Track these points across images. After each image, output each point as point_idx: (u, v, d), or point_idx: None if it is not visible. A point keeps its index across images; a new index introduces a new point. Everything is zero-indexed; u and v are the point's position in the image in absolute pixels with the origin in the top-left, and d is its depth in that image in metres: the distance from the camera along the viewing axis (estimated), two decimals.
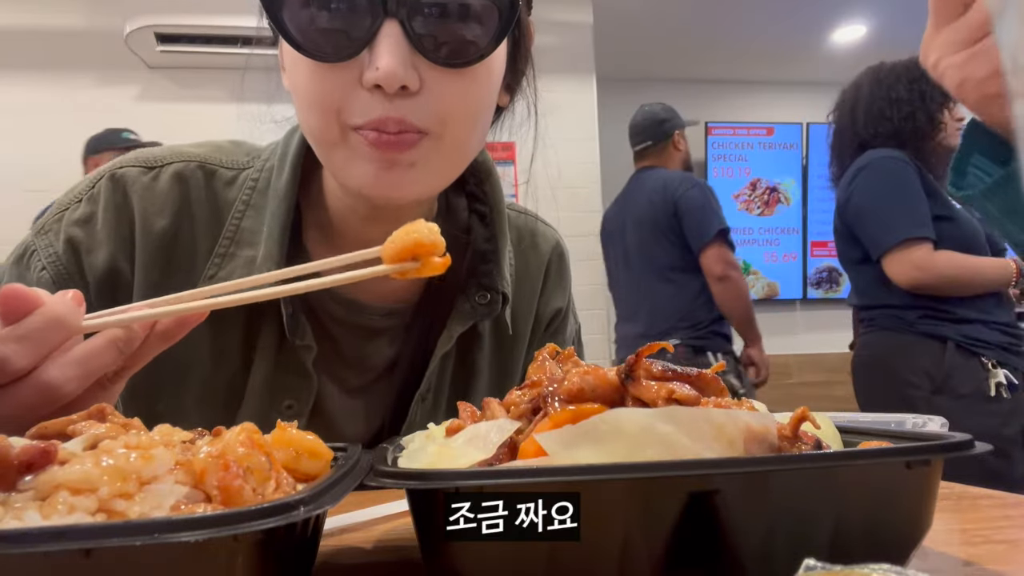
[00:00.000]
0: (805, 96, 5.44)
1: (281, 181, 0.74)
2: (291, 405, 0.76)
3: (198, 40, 3.51)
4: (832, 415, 0.63)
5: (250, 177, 0.77)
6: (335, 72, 0.61)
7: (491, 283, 0.80)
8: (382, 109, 0.61)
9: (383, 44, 0.59)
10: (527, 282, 0.89)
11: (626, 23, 4.42)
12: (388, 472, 0.39)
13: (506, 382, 0.87)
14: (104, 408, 0.43)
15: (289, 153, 0.76)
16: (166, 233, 0.73)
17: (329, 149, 0.66)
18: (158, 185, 0.74)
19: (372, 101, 0.61)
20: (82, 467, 0.31)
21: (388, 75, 0.59)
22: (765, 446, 0.40)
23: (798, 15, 4.52)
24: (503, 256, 0.81)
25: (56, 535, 0.26)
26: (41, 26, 3.58)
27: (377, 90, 0.61)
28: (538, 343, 0.90)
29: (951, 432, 0.46)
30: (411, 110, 0.62)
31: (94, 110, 3.54)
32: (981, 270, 1.88)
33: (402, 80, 0.60)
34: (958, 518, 0.58)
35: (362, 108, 0.61)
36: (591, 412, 0.41)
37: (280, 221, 0.72)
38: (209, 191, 0.76)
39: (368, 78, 0.60)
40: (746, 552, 0.37)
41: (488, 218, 0.83)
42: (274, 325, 0.74)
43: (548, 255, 0.92)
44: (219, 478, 0.33)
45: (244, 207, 0.75)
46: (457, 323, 0.79)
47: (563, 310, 0.94)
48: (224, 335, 0.73)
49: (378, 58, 0.59)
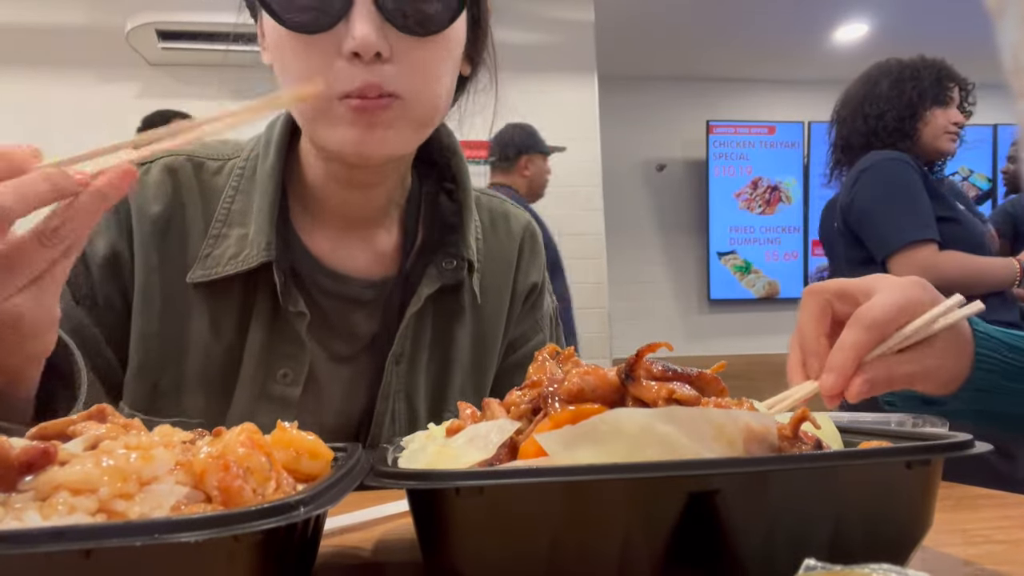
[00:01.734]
0: (807, 95, 5.44)
1: (267, 164, 0.81)
2: (287, 374, 0.80)
3: (199, 37, 3.50)
4: (833, 415, 0.63)
5: (237, 166, 0.84)
6: (315, 44, 0.69)
7: (456, 251, 0.87)
8: (364, 75, 0.69)
9: (358, 16, 0.68)
10: (502, 259, 0.96)
11: (627, 22, 4.41)
12: (388, 472, 0.39)
13: (483, 353, 0.92)
14: (104, 409, 0.43)
15: (273, 139, 0.83)
16: (160, 218, 0.79)
17: (314, 117, 0.73)
18: (149, 177, 0.81)
19: (352, 70, 0.69)
20: (82, 467, 0.31)
21: (364, 43, 0.67)
22: (765, 446, 0.40)
23: (800, 13, 4.51)
24: (468, 227, 0.88)
25: (56, 535, 0.26)
26: (42, 23, 3.58)
27: (355, 58, 0.68)
28: (516, 317, 0.97)
29: (952, 432, 0.46)
30: (385, 76, 0.70)
31: (95, 107, 3.54)
32: (986, 270, 1.88)
33: (376, 47, 0.68)
34: (958, 518, 0.58)
35: (344, 77, 0.69)
36: (591, 412, 0.41)
37: (269, 198, 0.79)
38: (198, 180, 0.82)
39: (347, 47, 0.68)
40: (746, 552, 0.37)
41: (455, 194, 0.90)
42: (267, 296, 0.79)
43: (520, 234, 0.99)
44: (219, 478, 0.33)
45: (234, 192, 0.82)
46: (425, 286, 0.85)
47: (539, 285, 1.00)
48: (220, 309, 0.79)
49: (354, 28, 0.67)
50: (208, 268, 0.78)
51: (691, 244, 5.52)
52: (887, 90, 1.99)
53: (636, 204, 5.42)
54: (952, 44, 4.25)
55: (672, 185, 5.51)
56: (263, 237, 0.77)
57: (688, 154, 5.49)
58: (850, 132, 2.05)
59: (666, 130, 5.48)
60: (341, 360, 0.85)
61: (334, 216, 0.84)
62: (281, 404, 0.80)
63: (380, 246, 0.87)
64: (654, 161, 5.50)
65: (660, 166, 5.50)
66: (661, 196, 5.51)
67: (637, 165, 5.44)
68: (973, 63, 2.27)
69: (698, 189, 5.49)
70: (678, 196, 5.54)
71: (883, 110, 1.98)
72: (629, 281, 5.18)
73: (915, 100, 1.97)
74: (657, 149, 5.48)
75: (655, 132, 5.46)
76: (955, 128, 2.01)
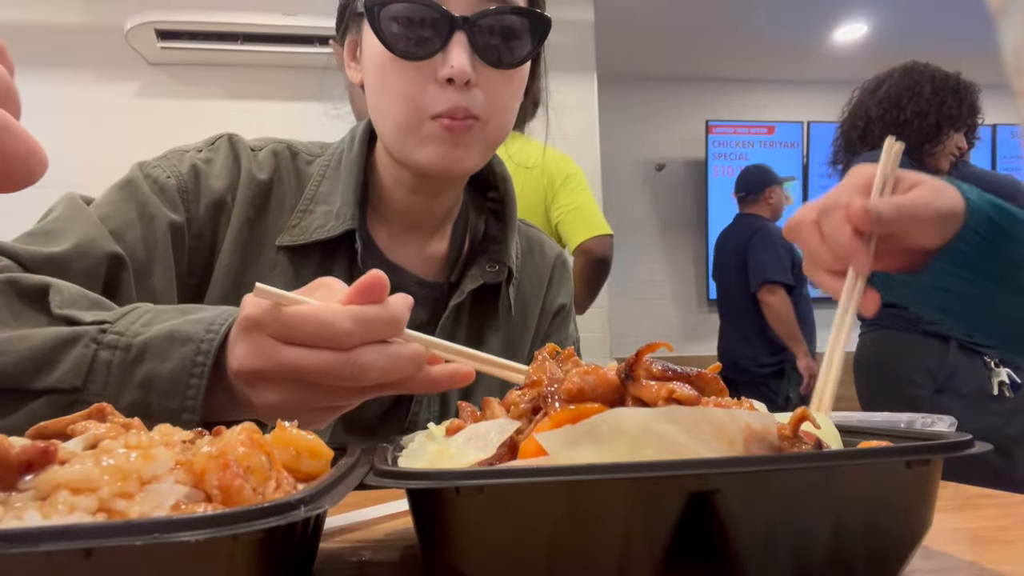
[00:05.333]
0: (806, 95, 5.44)
1: (352, 154, 0.93)
2: None
3: (199, 37, 3.51)
4: (843, 414, 0.63)
5: (323, 161, 0.97)
6: (415, 69, 0.81)
7: (499, 256, 0.98)
8: (455, 99, 0.80)
9: (454, 49, 0.79)
10: (535, 276, 1.07)
11: (627, 21, 4.41)
12: (388, 472, 0.39)
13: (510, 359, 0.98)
14: (104, 408, 0.43)
15: (356, 139, 0.95)
16: (263, 184, 0.91)
17: (405, 133, 0.84)
18: (259, 156, 0.94)
19: (445, 93, 0.80)
20: (82, 467, 0.31)
21: (460, 71, 0.79)
22: (765, 446, 0.40)
23: (799, 13, 4.51)
24: (511, 240, 1.00)
25: (57, 535, 0.26)
26: (41, 22, 3.57)
27: (448, 84, 0.80)
28: (544, 331, 1.08)
29: (952, 431, 0.46)
30: (471, 100, 0.81)
31: (94, 107, 3.54)
32: None
33: (468, 76, 0.79)
34: (959, 518, 0.58)
35: (439, 99, 0.80)
36: (591, 412, 0.41)
37: (355, 179, 0.91)
38: (294, 166, 0.96)
39: (443, 73, 0.79)
40: (746, 552, 0.37)
41: (501, 214, 1.02)
42: (344, 264, 0.89)
43: (553, 260, 1.11)
44: (219, 478, 0.33)
45: (321, 178, 0.94)
46: (469, 283, 0.95)
47: (566, 307, 1.11)
48: (301, 269, 0.89)
49: (452, 58, 0.79)
50: (296, 236, 0.89)
51: (690, 244, 5.53)
52: (930, 95, 1.99)
53: (635, 204, 5.42)
54: (951, 44, 4.25)
55: (671, 185, 5.51)
56: (348, 209, 0.88)
57: (687, 154, 5.49)
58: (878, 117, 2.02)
59: (665, 130, 5.48)
60: None
61: (396, 217, 0.95)
62: None
63: (430, 251, 0.97)
64: (653, 161, 5.50)
65: (659, 166, 5.50)
66: (660, 196, 5.51)
67: (636, 165, 5.44)
68: (972, 63, 2.27)
69: (697, 189, 5.49)
70: (677, 196, 5.54)
71: (925, 111, 1.98)
72: (628, 281, 5.18)
73: (952, 115, 1.98)
74: (656, 149, 5.48)
75: (654, 132, 5.46)
76: (958, 153, 2.03)
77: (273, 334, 0.54)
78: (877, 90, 2.07)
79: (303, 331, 0.52)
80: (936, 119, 1.97)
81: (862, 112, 2.09)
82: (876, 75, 2.13)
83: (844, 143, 2.15)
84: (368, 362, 0.53)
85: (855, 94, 2.16)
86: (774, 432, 0.41)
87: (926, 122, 1.98)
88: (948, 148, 2.01)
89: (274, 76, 3.70)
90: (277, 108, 3.71)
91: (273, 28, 3.51)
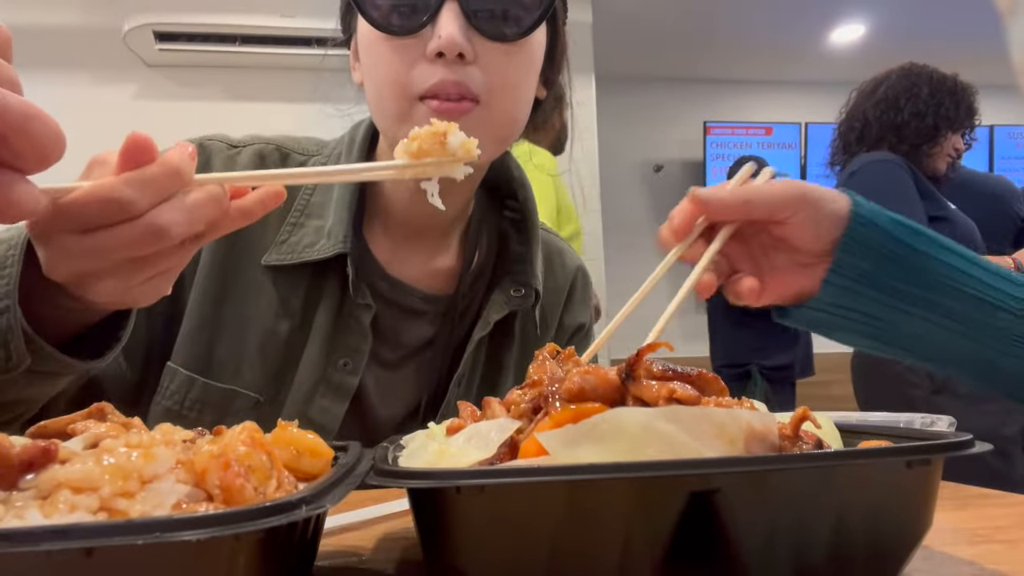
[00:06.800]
0: (804, 96, 5.44)
1: (351, 159, 0.85)
2: (346, 363, 0.83)
3: (196, 39, 3.50)
4: (843, 414, 0.63)
5: (319, 162, 0.88)
6: (404, 46, 0.73)
7: (525, 279, 0.89)
8: (443, 73, 0.71)
9: (444, 18, 0.71)
10: (554, 293, 0.98)
11: (625, 22, 4.41)
12: (389, 471, 0.39)
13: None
14: (104, 407, 0.43)
15: (356, 139, 0.87)
16: None
17: (396, 121, 0.75)
18: (239, 159, 0.85)
19: (434, 68, 0.72)
20: (83, 466, 0.31)
21: (449, 42, 0.70)
22: (766, 445, 0.40)
23: (797, 15, 4.52)
24: (535, 257, 0.91)
25: (58, 534, 0.26)
26: (38, 24, 3.57)
27: (438, 59, 0.71)
28: None
29: (952, 431, 0.46)
30: (466, 76, 0.72)
31: (92, 109, 3.53)
32: None
33: (460, 47, 0.70)
34: (958, 518, 0.59)
35: (427, 74, 0.72)
36: (592, 411, 0.41)
37: (349, 193, 0.83)
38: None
39: (432, 47, 0.71)
40: (747, 551, 0.37)
41: (522, 225, 0.93)
42: (336, 287, 0.82)
43: (574, 272, 1.02)
44: (220, 477, 0.33)
45: (314, 185, 0.86)
46: (494, 312, 0.88)
47: (585, 326, 1.02)
48: (288, 291, 0.82)
49: (440, 28, 0.70)
50: (283, 254, 0.81)
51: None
52: (927, 96, 2.00)
53: (634, 205, 5.41)
54: (949, 45, 4.26)
55: (669, 186, 5.51)
56: (341, 229, 0.80)
57: (685, 155, 5.49)
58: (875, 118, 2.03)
59: (663, 131, 5.48)
60: (386, 365, 0.88)
61: (398, 224, 0.87)
62: (338, 392, 0.82)
63: (437, 263, 0.90)
64: (651, 162, 5.50)
65: (657, 167, 5.50)
66: (658, 197, 5.51)
67: (634, 166, 5.44)
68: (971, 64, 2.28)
69: None
70: (676, 197, 5.50)
71: (922, 112, 1.99)
72: (627, 281, 5.17)
73: (949, 116, 1.99)
74: (654, 150, 5.48)
75: (652, 133, 5.46)
76: (955, 154, 2.04)
77: (65, 229, 0.50)
78: (874, 92, 2.08)
79: (90, 215, 0.49)
80: (934, 120, 1.98)
81: (859, 114, 2.10)
82: (874, 76, 2.14)
83: (842, 144, 2.15)
84: (167, 220, 0.50)
85: (852, 96, 2.17)
86: (775, 432, 0.41)
87: (923, 123, 1.98)
88: (945, 149, 2.02)
89: (272, 78, 3.70)
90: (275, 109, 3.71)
91: (271, 30, 3.51)
